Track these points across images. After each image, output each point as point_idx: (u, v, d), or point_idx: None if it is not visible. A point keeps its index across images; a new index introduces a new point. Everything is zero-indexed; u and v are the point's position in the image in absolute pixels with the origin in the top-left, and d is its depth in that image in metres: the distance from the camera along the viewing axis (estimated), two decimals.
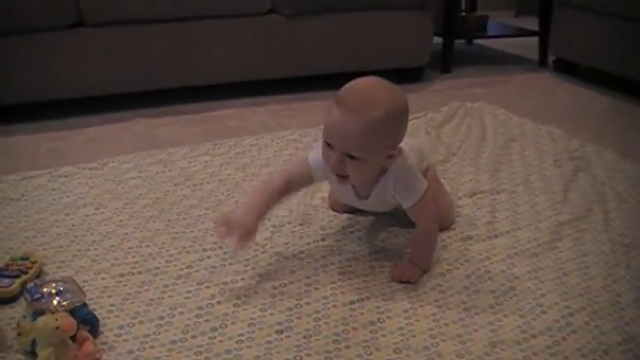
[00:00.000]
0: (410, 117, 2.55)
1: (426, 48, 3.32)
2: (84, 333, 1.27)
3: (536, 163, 2.19)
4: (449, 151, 2.29)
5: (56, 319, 1.22)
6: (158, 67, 2.90)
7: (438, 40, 3.50)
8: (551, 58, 3.70)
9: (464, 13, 3.94)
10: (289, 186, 1.55)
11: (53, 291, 1.32)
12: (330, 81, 3.23)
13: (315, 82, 3.19)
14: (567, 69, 3.52)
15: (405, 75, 3.32)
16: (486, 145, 2.36)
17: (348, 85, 1.45)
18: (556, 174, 2.09)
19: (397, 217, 1.75)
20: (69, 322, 1.24)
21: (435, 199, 1.60)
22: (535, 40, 3.82)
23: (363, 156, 1.40)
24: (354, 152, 1.39)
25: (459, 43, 3.90)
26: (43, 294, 1.31)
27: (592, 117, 2.83)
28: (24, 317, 1.31)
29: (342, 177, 1.45)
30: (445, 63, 3.59)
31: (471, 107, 2.78)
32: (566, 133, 2.47)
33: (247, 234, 1.44)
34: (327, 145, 1.42)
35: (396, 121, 1.43)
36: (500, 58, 4.09)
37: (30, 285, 1.35)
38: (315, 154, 1.52)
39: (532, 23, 4.01)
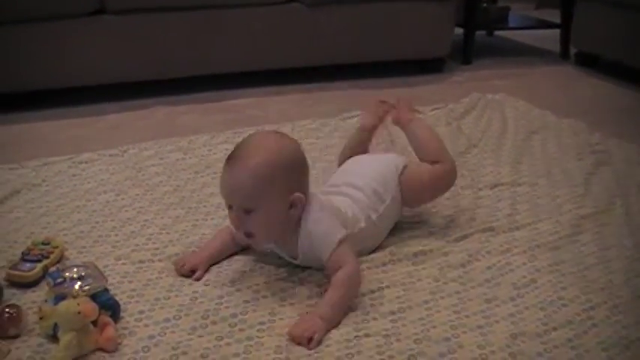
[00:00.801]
0: (430, 108, 2.61)
1: (446, 39, 3.31)
2: (105, 318, 1.27)
3: (557, 155, 2.18)
4: (470, 142, 2.28)
5: (78, 304, 1.23)
6: (178, 55, 2.92)
7: (458, 31, 3.49)
8: (572, 50, 3.67)
9: (485, 5, 3.92)
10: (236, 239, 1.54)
11: (75, 276, 1.33)
12: (351, 71, 3.25)
13: (336, 71, 3.20)
14: (589, 62, 3.49)
15: (426, 66, 3.32)
16: (507, 137, 2.35)
17: (238, 143, 1.44)
18: (577, 167, 2.08)
19: (416, 213, 1.76)
20: (90, 307, 1.24)
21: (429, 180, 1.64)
22: (556, 32, 3.80)
23: (255, 207, 1.35)
24: (245, 205, 1.36)
25: (480, 34, 3.88)
26: (65, 278, 1.32)
27: (614, 110, 2.81)
28: (45, 301, 1.32)
29: (248, 236, 1.41)
30: (466, 54, 3.58)
31: (492, 99, 2.76)
32: (587, 126, 2.45)
33: (193, 269, 1.48)
34: (228, 206, 1.41)
35: (283, 166, 1.37)
36: (521, 50, 4.07)
37: (52, 269, 1.37)
38: None
39: (552, 15, 3.98)
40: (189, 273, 1.48)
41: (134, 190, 1.95)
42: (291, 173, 1.39)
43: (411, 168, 1.68)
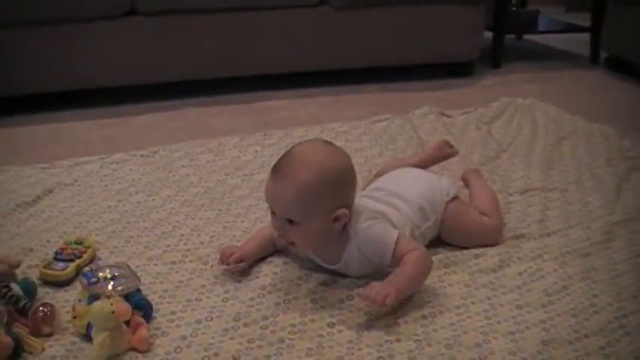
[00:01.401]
0: (460, 112, 2.61)
1: (476, 43, 3.30)
2: (138, 318, 1.28)
3: (588, 161, 2.16)
4: (500, 147, 2.27)
5: (112, 304, 1.24)
6: (209, 56, 2.94)
7: (487, 34, 3.48)
8: (602, 54, 3.64)
9: (514, 8, 3.90)
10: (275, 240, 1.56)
11: (108, 275, 1.34)
12: (380, 74, 3.25)
13: (365, 74, 3.20)
14: (620, 67, 3.45)
15: (455, 69, 3.32)
16: (538, 142, 2.33)
17: (286, 151, 1.42)
18: (608, 173, 2.06)
19: None
20: (124, 307, 1.25)
21: (474, 224, 1.62)
22: (585, 36, 3.78)
23: (301, 220, 1.36)
24: (290, 217, 1.36)
25: (509, 38, 3.87)
26: (99, 278, 1.33)
27: None
28: (79, 301, 1.33)
29: (289, 243, 1.43)
30: (495, 58, 3.57)
31: (522, 103, 2.75)
32: (618, 132, 2.43)
33: (241, 259, 1.49)
34: (272, 211, 1.41)
35: (331, 182, 1.36)
36: (550, 54, 4.05)
37: (86, 269, 1.38)
38: None
39: (582, 19, 3.96)
40: (234, 262, 1.49)
41: (165, 191, 1.96)
42: (338, 190, 1.38)
43: (461, 201, 1.67)
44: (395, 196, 1.57)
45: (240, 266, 1.49)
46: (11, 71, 2.71)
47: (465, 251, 1.59)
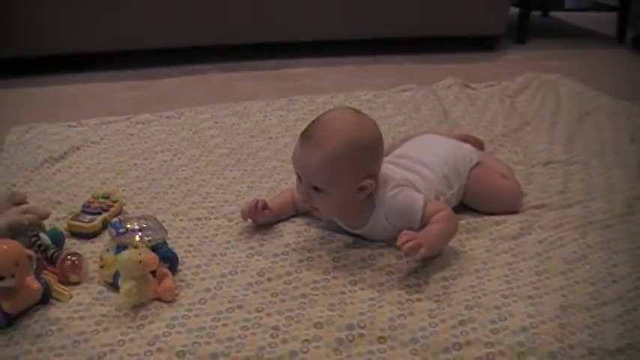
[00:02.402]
0: (483, 85, 2.61)
1: (501, 17, 3.30)
2: (163, 269, 1.31)
3: (611, 137, 2.16)
4: (523, 120, 2.28)
5: (139, 254, 1.27)
6: (235, 21, 2.96)
7: (513, 10, 3.47)
8: (629, 34, 3.62)
9: None
10: (296, 202, 1.58)
11: (136, 227, 1.37)
12: (405, 45, 3.25)
13: (390, 45, 3.20)
14: None
15: (480, 43, 3.33)
16: (561, 116, 2.34)
17: (316, 118, 1.42)
18: (632, 149, 2.06)
19: None
20: (151, 257, 1.28)
21: (497, 187, 1.64)
22: (611, 16, 3.77)
23: (327, 189, 1.37)
24: (317, 185, 1.38)
25: (534, 14, 3.86)
26: (127, 229, 1.36)
27: None
28: (107, 251, 1.36)
29: (313, 208, 1.45)
30: (520, 34, 3.57)
31: (546, 79, 2.75)
32: None
33: (265, 207, 1.52)
34: (298, 176, 1.42)
35: (359, 153, 1.37)
36: (576, 32, 4.04)
37: (114, 220, 1.41)
38: None
39: None
40: (261, 209, 1.52)
41: (191, 150, 1.99)
42: (366, 160, 1.39)
43: (484, 167, 1.68)
44: (419, 164, 1.58)
45: (267, 214, 1.52)
46: (40, 32, 2.75)
47: (486, 217, 1.60)
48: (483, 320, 1.22)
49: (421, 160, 1.59)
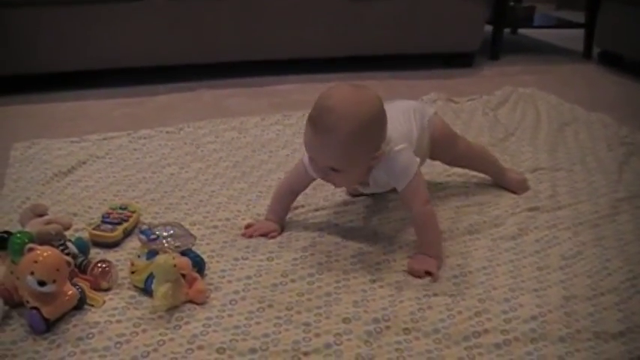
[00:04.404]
0: (466, 99, 2.73)
1: (477, 34, 3.44)
2: (193, 273, 1.38)
3: (589, 145, 2.30)
4: (507, 131, 2.41)
5: (173, 257, 1.34)
6: (224, 40, 3.04)
7: (486, 28, 3.60)
8: (595, 50, 3.78)
9: (512, 3, 4.04)
10: (296, 189, 1.69)
11: (165, 233, 1.44)
12: (387, 62, 3.37)
13: (373, 62, 3.32)
14: (612, 61, 3.60)
15: (457, 60, 3.44)
16: (542, 127, 2.47)
17: (319, 102, 1.43)
18: (609, 157, 2.20)
19: (463, 192, 1.89)
20: (184, 261, 1.35)
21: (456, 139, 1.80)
22: (576, 32, 3.93)
23: (344, 169, 1.45)
24: (334, 167, 1.45)
25: (504, 32, 3.99)
26: (157, 235, 1.43)
27: (638, 107, 2.91)
28: (138, 257, 1.42)
29: (328, 181, 1.54)
30: (494, 50, 3.71)
31: (524, 92, 2.89)
32: (614, 120, 2.56)
33: (270, 231, 1.62)
34: (311, 157, 1.50)
35: (371, 129, 1.43)
36: (544, 48, 4.19)
37: (144, 227, 1.47)
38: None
39: (572, 16, 4.12)
40: (271, 237, 1.62)
41: (196, 164, 2.07)
42: (375, 135, 1.46)
43: (441, 118, 1.81)
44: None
45: (277, 235, 1.63)
46: (35, 50, 2.80)
47: (486, 219, 1.72)
48: (496, 311, 1.33)
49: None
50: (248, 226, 1.65)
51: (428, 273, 1.45)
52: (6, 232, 1.40)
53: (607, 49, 3.64)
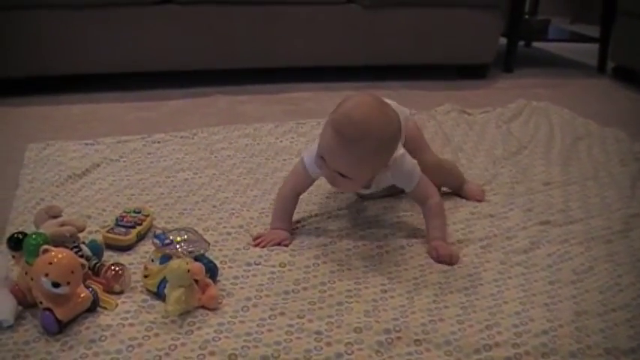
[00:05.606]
0: (479, 111, 2.74)
1: (492, 46, 3.44)
2: (206, 279, 1.39)
3: (603, 160, 2.30)
4: (520, 144, 2.41)
5: (187, 263, 1.34)
6: (240, 47, 3.05)
7: (500, 41, 3.60)
8: (609, 64, 3.79)
9: (527, 16, 4.05)
10: (298, 192, 1.71)
11: (179, 238, 1.44)
12: (401, 71, 3.37)
13: (387, 71, 3.33)
14: (627, 76, 3.60)
15: (471, 71, 3.45)
16: (555, 141, 2.47)
17: (345, 110, 1.46)
18: (622, 172, 2.19)
19: (475, 204, 1.90)
20: (198, 267, 1.36)
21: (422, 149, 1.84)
22: (590, 47, 3.93)
23: (354, 177, 1.50)
24: (346, 174, 1.48)
25: (519, 44, 3.99)
26: (172, 240, 1.43)
27: None
28: (152, 261, 1.43)
29: (335, 185, 1.57)
30: (508, 62, 3.71)
31: (537, 106, 2.88)
32: (628, 136, 2.56)
33: (282, 240, 1.63)
34: (321, 157, 1.52)
35: (389, 147, 1.51)
36: (558, 62, 4.19)
37: (158, 232, 1.48)
38: (309, 153, 1.63)
39: (587, 30, 4.12)
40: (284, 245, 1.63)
41: (210, 170, 2.07)
42: (390, 151, 1.53)
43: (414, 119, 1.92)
44: None
45: (289, 243, 1.64)
46: (50, 52, 2.82)
47: (497, 233, 1.72)
48: (507, 324, 1.33)
49: None
50: (258, 237, 1.65)
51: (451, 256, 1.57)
52: (21, 232, 1.41)
53: (621, 64, 3.64)
